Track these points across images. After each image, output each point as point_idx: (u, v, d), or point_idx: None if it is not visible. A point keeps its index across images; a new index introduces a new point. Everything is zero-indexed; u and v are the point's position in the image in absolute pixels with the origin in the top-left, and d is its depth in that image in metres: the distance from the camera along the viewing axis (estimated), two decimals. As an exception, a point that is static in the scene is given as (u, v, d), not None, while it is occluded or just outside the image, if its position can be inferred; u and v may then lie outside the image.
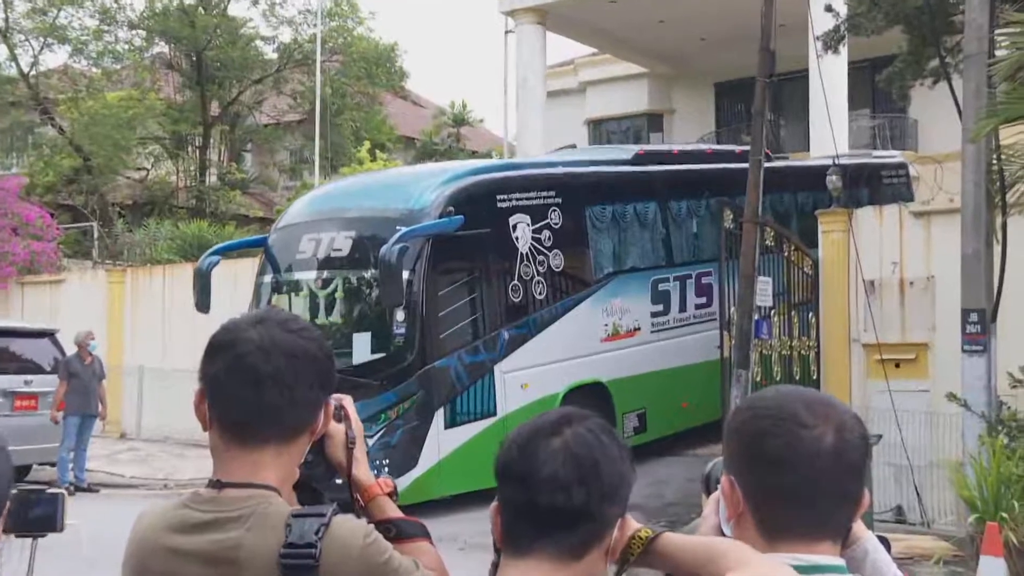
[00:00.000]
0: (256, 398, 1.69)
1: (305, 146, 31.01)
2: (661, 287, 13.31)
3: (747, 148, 16.52)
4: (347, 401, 1.89)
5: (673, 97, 27.91)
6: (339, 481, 1.87)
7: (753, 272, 11.28)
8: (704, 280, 13.73)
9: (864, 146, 22.43)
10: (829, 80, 16.20)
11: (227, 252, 12.34)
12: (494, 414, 11.07)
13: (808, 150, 21.03)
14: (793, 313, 13.00)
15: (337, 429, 1.87)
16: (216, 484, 1.72)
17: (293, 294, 11.24)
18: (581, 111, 28.61)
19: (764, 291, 11.89)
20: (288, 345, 1.72)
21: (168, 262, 20.53)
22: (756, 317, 11.62)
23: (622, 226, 12.94)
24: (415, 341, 10.47)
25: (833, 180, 13.42)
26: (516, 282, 11.48)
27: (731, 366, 11.43)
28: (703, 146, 16.28)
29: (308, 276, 11.15)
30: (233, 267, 15.36)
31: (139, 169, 29.66)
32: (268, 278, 11.51)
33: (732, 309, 12.07)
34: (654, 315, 13.14)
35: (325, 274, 11.05)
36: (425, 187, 11.14)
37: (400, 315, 10.49)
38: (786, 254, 12.82)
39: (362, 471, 1.87)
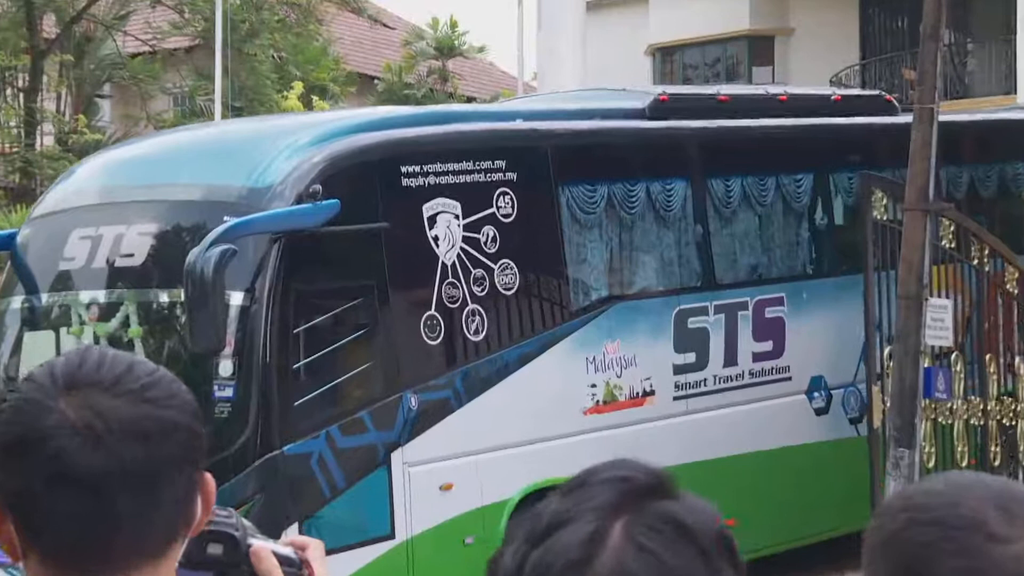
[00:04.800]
0: (98, 515, 1.77)
1: (199, 89, 31.22)
2: (693, 324, 13.06)
3: (852, 94, 16.30)
4: (315, 550, 2.18)
5: (792, 10, 28.25)
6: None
7: (921, 290, 11.46)
8: (770, 312, 13.50)
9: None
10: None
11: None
12: (389, 536, 10.87)
13: (1014, 91, 20.96)
14: (988, 358, 13.07)
15: None
16: None
17: (56, 329, 11.17)
18: (642, 33, 28.81)
19: (940, 322, 12.03)
20: (133, 420, 1.80)
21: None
22: (926, 364, 11.79)
23: (624, 221, 12.74)
24: (251, 410, 10.34)
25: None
26: (433, 312, 11.29)
27: (884, 442, 11.55)
28: (774, 89, 16.05)
29: (80, 299, 11.07)
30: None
31: (-75, 124, 30.10)
32: (15, 303, 11.42)
33: (886, 350, 12.20)
34: (680, 371, 12.91)
35: (106, 296, 10.99)
36: (276, 151, 11.00)
37: (226, 366, 10.34)
38: (976, 262, 12.92)
39: None
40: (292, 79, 30.70)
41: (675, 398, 12.87)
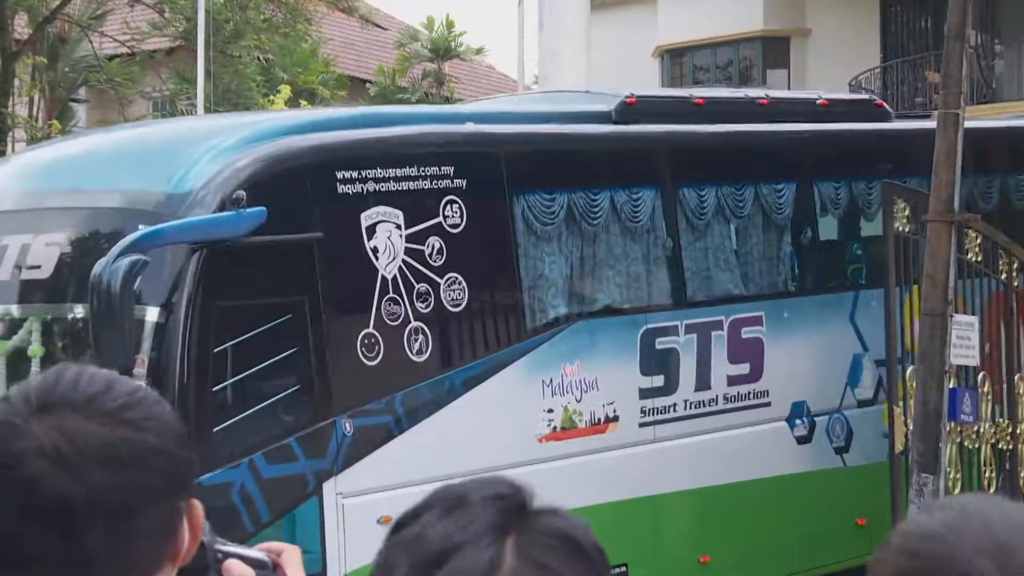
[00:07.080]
0: (66, 549, 1.76)
1: (180, 92, 31.36)
2: (661, 344, 12.96)
3: (840, 98, 16.11)
4: (289, 555, 2.19)
5: (809, 9, 28.47)
6: None
7: (946, 307, 11.65)
8: (747, 332, 13.40)
9: None
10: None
11: None
12: (320, 574, 10.70)
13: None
14: (1017, 379, 13.43)
15: None
16: None
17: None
18: (649, 34, 28.91)
19: (966, 340, 12.17)
20: (106, 445, 1.78)
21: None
22: (951, 385, 12.00)
23: (586, 233, 12.65)
24: (166, 436, 10.23)
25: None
26: (372, 330, 11.16)
27: (907, 468, 11.77)
28: (754, 92, 16.04)
29: (-19, 314, 11.00)
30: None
31: None
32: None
33: (908, 370, 12.40)
34: (646, 395, 12.78)
35: (10, 311, 10.92)
36: (198, 154, 10.90)
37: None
38: (1004, 275, 13.15)
39: None
40: (279, 82, 30.70)
41: (641, 424, 12.74)
